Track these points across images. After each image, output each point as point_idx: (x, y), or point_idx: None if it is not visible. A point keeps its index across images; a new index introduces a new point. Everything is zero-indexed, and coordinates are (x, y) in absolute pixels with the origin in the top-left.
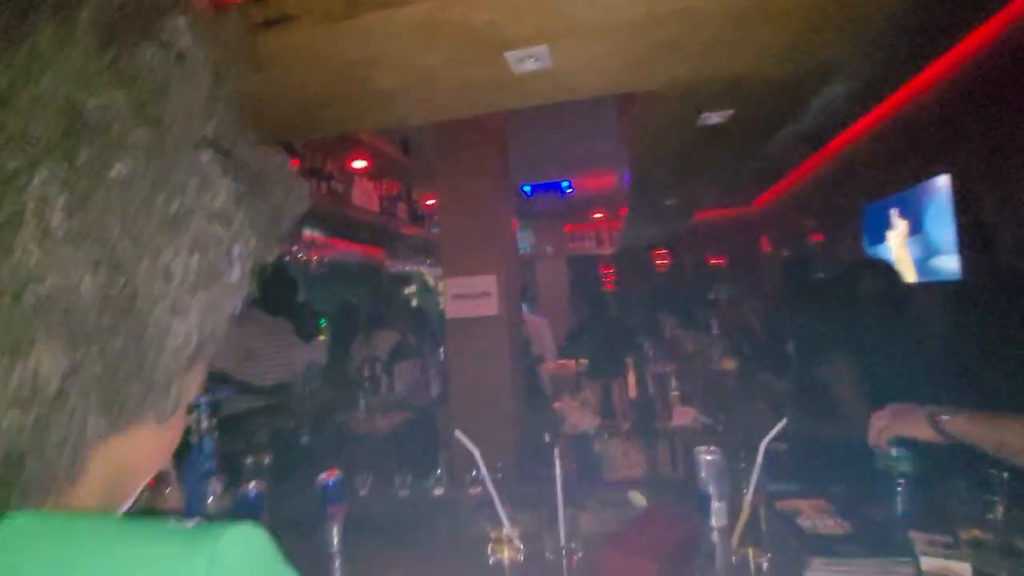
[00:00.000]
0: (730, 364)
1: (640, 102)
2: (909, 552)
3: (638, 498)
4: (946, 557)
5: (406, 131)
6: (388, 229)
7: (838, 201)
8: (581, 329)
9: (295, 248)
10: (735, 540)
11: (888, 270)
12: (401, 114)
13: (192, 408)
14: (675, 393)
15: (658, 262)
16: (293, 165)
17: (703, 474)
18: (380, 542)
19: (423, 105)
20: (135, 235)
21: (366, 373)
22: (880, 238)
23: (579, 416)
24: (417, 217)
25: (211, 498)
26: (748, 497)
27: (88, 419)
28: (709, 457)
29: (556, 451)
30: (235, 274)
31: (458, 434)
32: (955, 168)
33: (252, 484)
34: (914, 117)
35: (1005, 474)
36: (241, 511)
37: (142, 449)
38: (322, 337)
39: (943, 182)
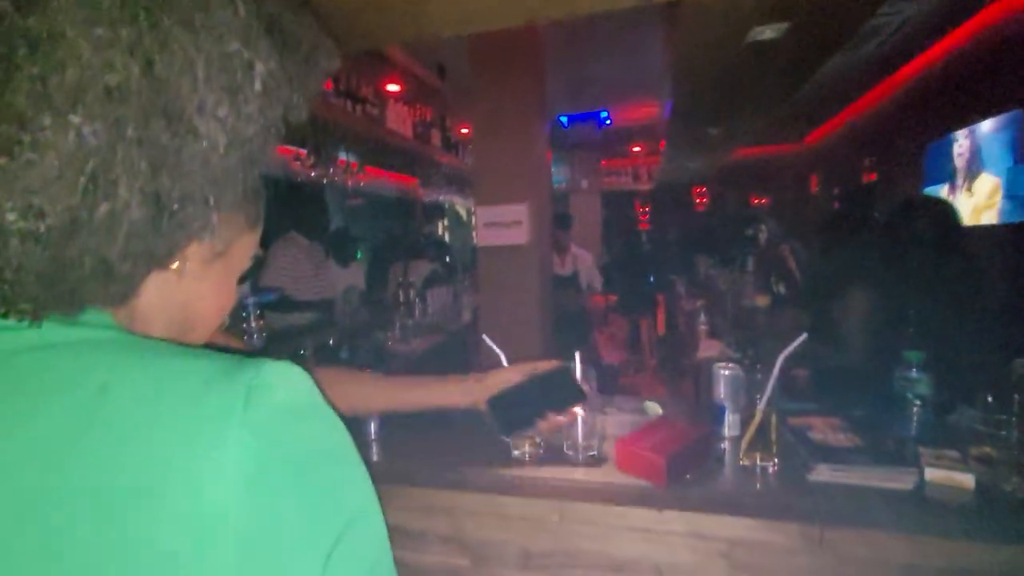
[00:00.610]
0: (764, 301)
1: (687, 14)
2: (914, 463)
3: (653, 407)
4: (950, 469)
5: (441, 54)
6: (422, 156)
7: (902, 138)
8: (613, 266)
9: (332, 172)
10: (744, 444)
11: (944, 208)
12: (435, 24)
13: (242, 308)
14: (703, 327)
15: (697, 200)
16: (327, 87)
17: (720, 388)
18: (412, 434)
19: (457, 12)
20: (163, 33)
21: (401, 298)
22: (946, 177)
23: (606, 350)
24: (451, 145)
25: None
26: (761, 405)
27: (132, 208)
28: (727, 372)
29: (578, 355)
30: (256, 93)
31: (485, 337)
32: None
33: None
34: (992, 45)
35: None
36: None
37: (199, 296)
38: (359, 263)
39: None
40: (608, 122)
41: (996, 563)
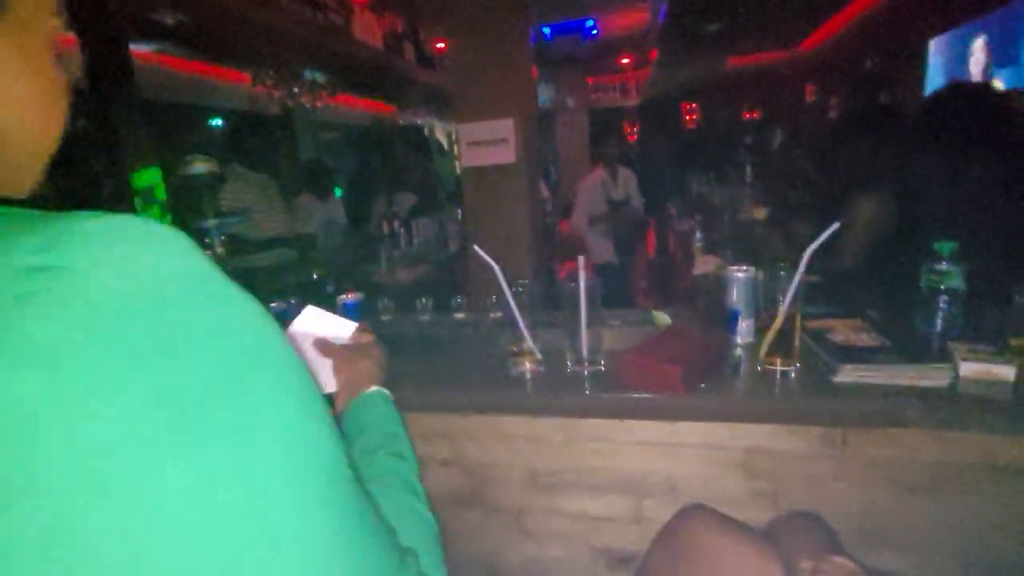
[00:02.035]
0: (760, 213)
1: None
2: (948, 359)
3: (662, 317)
4: (988, 362)
5: None
6: (395, 71)
7: (908, 34)
8: None
9: (296, 91)
10: (764, 349)
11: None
12: None
13: (204, 232)
14: (698, 244)
15: (688, 117)
16: None
17: (733, 292)
18: (403, 358)
19: None
20: None
21: (386, 230)
22: (957, 73)
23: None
24: (426, 60)
25: None
26: (784, 306)
27: None
28: (741, 275)
29: (581, 260)
30: None
31: (476, 248)
32: None
33: (273, 304)
34: None
35: None
36: None
37: (12, 114)
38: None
39: None
40: (594, 32)
41: None
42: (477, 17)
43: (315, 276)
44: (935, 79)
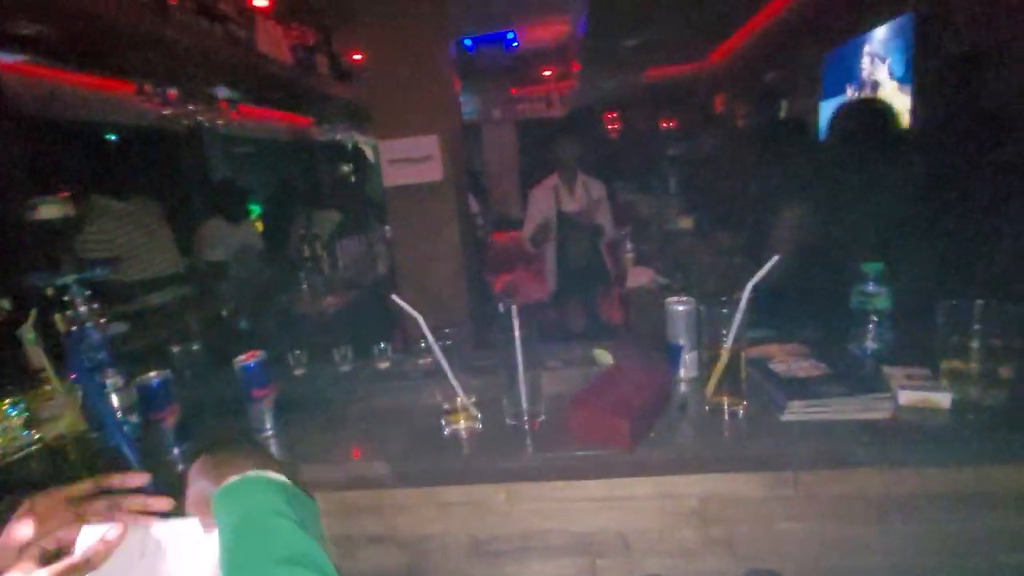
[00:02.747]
0: (687, 222)
1: None
2: (886, 388)
3: (603, 355)
4: (924, 389)
5: None
6: (308, 87)
7: (803, 50)
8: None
9: (193, 110)
10: (710, 388)
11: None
12: None
13: (64, 290)
14: (629, 255)
15: (610, 127)
16: (170, 1)
17: (674, 325)
18: (321, 421)
19: None
20: None
21: (307, 253)
22: (843, 88)
23: (533, 287)
24: (343, 73)
25: (111, 391)
26: (728, 343)
27: None
28: (681, 307)
29: (515, 309)
30: None
31: (395, 298)
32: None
33: (153, 373)
34: None
35: (984, 302)
36: (146, 402)
37: None
38: (256, 221)
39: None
40: (515, 44)
41: (971, 481)
42: (394, 28)
43: (224, 313)
44: (829, 89)
